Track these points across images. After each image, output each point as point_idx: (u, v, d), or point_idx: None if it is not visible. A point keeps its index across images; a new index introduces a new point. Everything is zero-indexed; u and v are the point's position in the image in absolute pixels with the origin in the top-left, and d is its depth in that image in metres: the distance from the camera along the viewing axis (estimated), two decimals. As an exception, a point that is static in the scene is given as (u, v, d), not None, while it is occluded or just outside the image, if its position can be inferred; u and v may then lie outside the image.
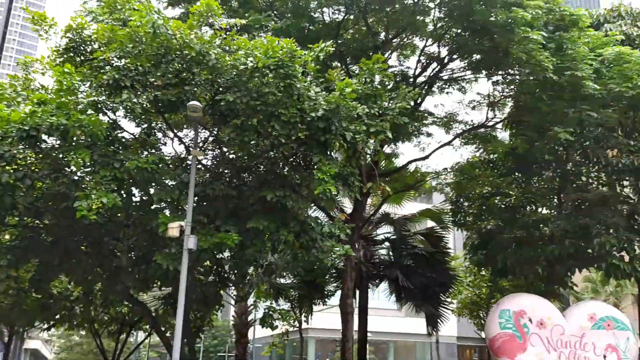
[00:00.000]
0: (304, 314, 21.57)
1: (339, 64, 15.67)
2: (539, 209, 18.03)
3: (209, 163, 12.95)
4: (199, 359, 57.01)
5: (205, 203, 11.75)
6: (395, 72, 16.62)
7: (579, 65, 12.92)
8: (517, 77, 14.38)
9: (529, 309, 13.24)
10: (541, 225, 16.98)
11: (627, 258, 14.91)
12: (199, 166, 12.42)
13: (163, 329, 16.57)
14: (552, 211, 17.40)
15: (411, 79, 16.37)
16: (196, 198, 11.44)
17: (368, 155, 14.38)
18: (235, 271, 12.83)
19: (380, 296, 29.04)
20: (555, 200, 17.37)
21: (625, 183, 16.52)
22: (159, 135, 13.45)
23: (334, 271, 19.55)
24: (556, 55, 13.08)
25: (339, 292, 19.20)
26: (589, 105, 13.60)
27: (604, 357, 13.03)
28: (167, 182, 11.51)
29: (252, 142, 10.85)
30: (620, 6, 17.04)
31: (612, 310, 13.89)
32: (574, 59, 13.04)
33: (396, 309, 52.45)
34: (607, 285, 30.22)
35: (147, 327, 20.72)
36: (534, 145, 15.48)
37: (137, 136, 12.06)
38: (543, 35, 12.76)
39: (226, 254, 12.70)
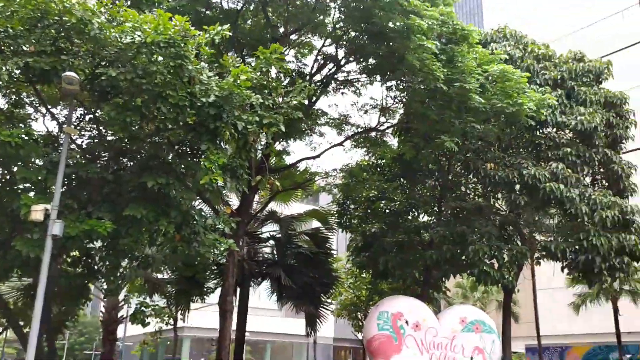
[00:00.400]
0: (180, 311, 20.69)
1: (235, 54, 15.19)
2: (421, 215, 18.69)
3: (85, 143, 11.88)
4: (62, 357, 53.29)
5: (76, 186, 10.74)
6: (292, 69, 16.41)
7: (467, 78, 13.44)
8: (410, 84, 14.69)
9: (406, 311, 13.56)
10: (422, 231, 17.58)
11: (496, 265, 15.80)
12: (73, 146, 11.36)
13: (22, 323, 15.05)
14: (433, 218, 18.09)
15: (307, 77, 16.22)
16: (66, 180, 10.43)
17: (259, 150, 14.07)
18: (107, 263, 11.86)
19: (260, 295, 28.73)
20: (436, 208, 18.05)
21: (499, 195, 17.52)
22: (30, 110, 12.18)
23: (215, 267, 18.93)
24: (447, 67, 13.51)
25: (218, 290, 18.62)
26: (473, 117, 14.22)
27: (471, 358, 13.63)
28: (34, 160, 10.38)
29: (135, 123, 10.05)
30: (505, 28, 18.11)
31: (481, 314, 14.61)
32: (463, 72, 13.54)
33: (275, 309, 52.47)
34: (476, 292, 32.14)
35: (4, 320, 18.80)
36: (420, 152, 15.95)
37: (2, 108, 10.78)
38: (437, 45, 13.13)
39: (97, 243, 11.73)
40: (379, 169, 19.03)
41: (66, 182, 10.40)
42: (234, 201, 18.15)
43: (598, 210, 15.26)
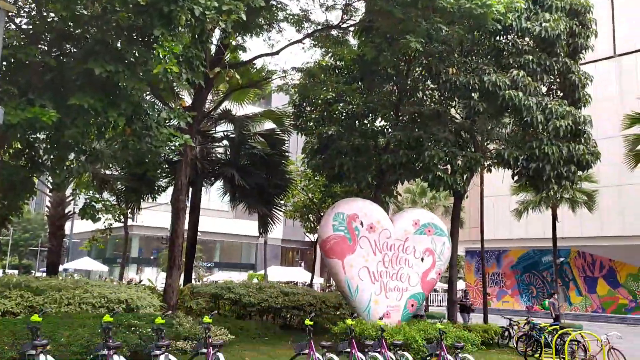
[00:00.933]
0: (130, 209, 20.33)
1: None
2: (378, 120, 18.50)
3: (24, 24, 10.77)
4: (6, 252, 52.66)
5: (16, 70, 9.83)
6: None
7: (438, -26, 12.79)
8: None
9: (362, 213, 13.65)
10: (378, 135, 17.48)
11: (450, 171, 15.99)
12: (11, 26, 10.30)
13: (-41, 218, 14.36)
14: (389, 123, 17.94)
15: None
16: (5, 64, 9.52)
17: (215, 43, 13.23)
18: (52, 155, 11.19)
19: (211, 196, 28.59)
20: (393, 112, 17.86)
21: (454, 103, 17.40)
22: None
23: (166, 166, 18.46)
24: (418, -39, 12.78)
25: (170, 189, 18.27)
26: (440, 18, 13.72)
27: (422, 259, 14.05)
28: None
29: (79, 2, 9.09)
30: None
31: (433, 217, 14.91)
32: (435, -33, 12.87)
33: (225, 210, 52.84)
34: (424, 197, 33.01)
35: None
36: (382, 54, 15.46)
37: None
38: None
39: (41, 135, 11.00)
40: (337, 71, 18.49)
41: (4, 65, 9.49)
42: (186, 99, 17.38)
43: (553, 119, 15.43)
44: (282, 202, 21.60)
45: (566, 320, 23.68)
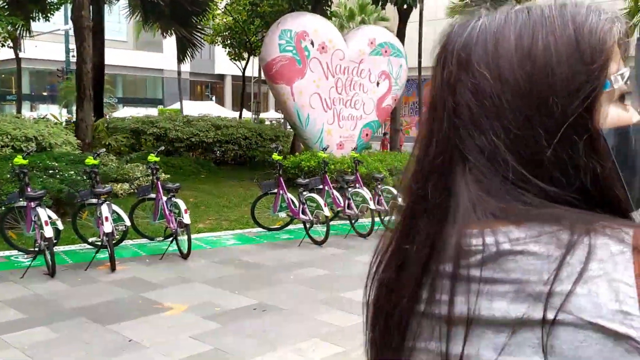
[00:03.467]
0: (19, 33, 16.86)
1: None
2: None
3: None
4: None
5: None
6: None
7: None
8: None
9: (312, 31, 11.66)
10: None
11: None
12: None
13: None
14: None
15: None
16: None
17: None
18: None
19: (107, 24, 24.84)
20: None
21: None
22: None
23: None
24: None
25: (63, 9, 15.02)
26: None
27: (378, 84, 12.58)
28: None
29: None
30: None
31: (390, 36, 13.17)
32: None
33: (123, 41, 47.92)
34: (352, 21, 30.74)
35: None
36: None
37: None
38: None
39: None
40: None
41: None
42: None
43: None
44: (201, 23, 18.79)
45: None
